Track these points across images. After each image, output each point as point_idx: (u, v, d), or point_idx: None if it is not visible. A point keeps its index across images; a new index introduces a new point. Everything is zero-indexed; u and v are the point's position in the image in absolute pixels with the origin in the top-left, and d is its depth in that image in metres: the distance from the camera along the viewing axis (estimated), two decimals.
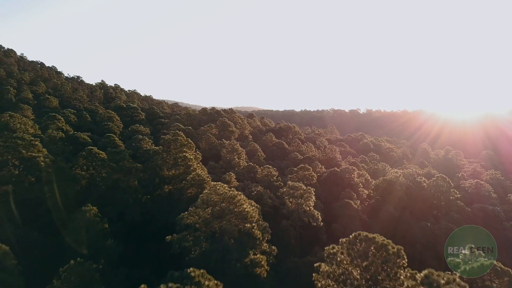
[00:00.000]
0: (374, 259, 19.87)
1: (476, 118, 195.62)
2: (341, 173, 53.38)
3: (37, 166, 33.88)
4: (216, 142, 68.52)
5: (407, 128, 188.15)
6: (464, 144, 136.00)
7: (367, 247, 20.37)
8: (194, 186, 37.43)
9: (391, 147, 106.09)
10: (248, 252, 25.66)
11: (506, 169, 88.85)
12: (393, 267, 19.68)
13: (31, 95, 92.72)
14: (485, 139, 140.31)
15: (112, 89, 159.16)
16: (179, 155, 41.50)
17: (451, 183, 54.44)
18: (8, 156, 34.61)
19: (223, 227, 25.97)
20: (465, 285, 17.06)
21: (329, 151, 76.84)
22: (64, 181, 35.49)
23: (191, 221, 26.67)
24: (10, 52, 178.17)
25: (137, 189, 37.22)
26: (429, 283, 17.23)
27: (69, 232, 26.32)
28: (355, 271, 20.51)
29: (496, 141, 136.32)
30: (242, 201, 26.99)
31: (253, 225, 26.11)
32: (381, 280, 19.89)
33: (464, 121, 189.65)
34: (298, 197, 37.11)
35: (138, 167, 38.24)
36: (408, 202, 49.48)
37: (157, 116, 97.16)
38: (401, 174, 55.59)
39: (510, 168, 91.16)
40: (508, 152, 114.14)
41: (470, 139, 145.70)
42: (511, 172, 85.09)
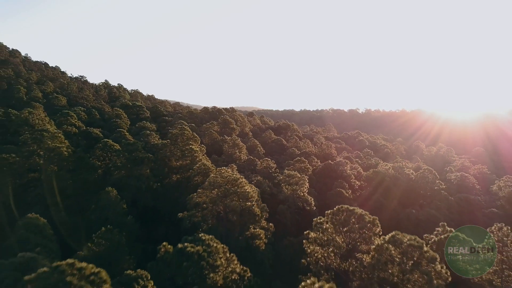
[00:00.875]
0: (353, 226, 24.07)
1: (476, 117, 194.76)
2: (335, 165, 57.55)
3: (61, 155, 38.03)
4: (218, 138, 72.71)
5: (406, 128, 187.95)
6: (464, 144, 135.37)
7: (348, 216, 24.54)
8: (200, 175, 41.56)
9: (386, 144, 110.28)
10: (248, 227, 29.87)
11: (506, 169, 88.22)
12: (368, 233, 23.90)
13: (40, 94, 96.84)
14: (485, 139, 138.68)
15: (116, 88, 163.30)
16: (186, 148, 45.66)
17: (437, 175, 58.69)
18: (34, 146, 38.81)
19: (227, 205, 30.17)
20: (422, 242, 21.28)
21: (325, 147, 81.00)
22: (84, 169, 39.69)
23: (199, 201, 30.88)
24: (16, 53, 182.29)
25: (149, 177, 41.42)
26: (394, 241, 21.47)
27: (95, 210, 30.45)
28: (337, 237, 24.70)
29: (496, 141, 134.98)
30: (244, 183, 31.19)
31: (253, 204, 30.30)
32: (358, 243, 24.09)
33: (464, 121, 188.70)
34: (293, 184, 41.35)
35: (150, 157, 42.43)
36: (396, 191, 53.64)
37: (160, 114, 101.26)
38: (391, 167, 59.80)
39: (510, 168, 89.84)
40: (508, 152, 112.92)
41: (469, 139, 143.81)
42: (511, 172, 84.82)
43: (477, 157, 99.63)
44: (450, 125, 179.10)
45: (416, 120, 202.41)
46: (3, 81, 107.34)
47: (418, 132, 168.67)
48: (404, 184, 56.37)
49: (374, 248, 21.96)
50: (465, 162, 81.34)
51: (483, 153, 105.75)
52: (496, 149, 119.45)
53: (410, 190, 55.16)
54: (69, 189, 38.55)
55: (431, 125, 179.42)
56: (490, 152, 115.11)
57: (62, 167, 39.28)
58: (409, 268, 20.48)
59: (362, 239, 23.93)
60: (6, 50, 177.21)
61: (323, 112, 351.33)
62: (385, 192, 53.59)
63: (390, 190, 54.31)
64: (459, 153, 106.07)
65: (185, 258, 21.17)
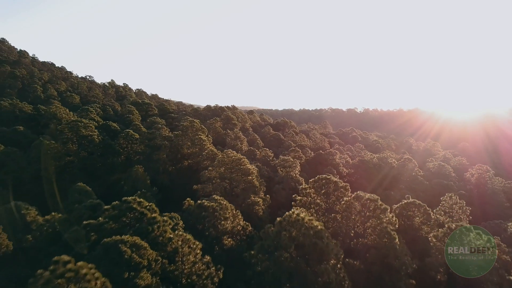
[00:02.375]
0: (329, 190, 31.58)
1: (475, 117, 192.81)
2: (325, 155, 65.08)
3: (93, 142, 45.53)
4: (222, 132, 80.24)
5: (406, 128, 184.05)
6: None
7: (325, 183, 32.06)
8: (208, 160, 49.03)
9: (377, 139, 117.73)
10: (250, 196, 37.37)
11: (506, 169, 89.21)
12: (341, 195, 31.38)
13: (55, 93, 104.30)
14: (485, 138, 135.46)
15: (122, 88, 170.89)
16: (195, 137, 53.16)
17: (416, 164, 66.28)
18: (70, 134, 46.32)
19: (233, 179, 37.70)
20: (378, 198, 28.81)
21: (319, 141, 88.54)
22: (111, 154, 47.21)
23: (210, 175, 38.42)
24: (24, 53, 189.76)
25: (165, 161, 48.91)
26: (357, 197, 29.03)
27: (127, 182, 37.96)
28: (318, 199, 32.18)
29: (495, 141, 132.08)
30: (246, 162, 38.73)
31: (253, 177, 37.81)
32: (332, 203, 31.56)
33: (463, 121, 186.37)
34: (287, 167, 48.87)
35: (166, 144, 49.89)
36: (378, 177, 61.21)
37: (167, 111, 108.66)
38: (375, 157, 67.33)
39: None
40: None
41: (469, 138, 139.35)
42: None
43: (462, 151, 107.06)
44: (449, 124, 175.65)
45: (416, 120, 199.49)
46: (18, 81, 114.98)
47: (417, 132, 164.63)
48: (387, 171, 63.94)
49: (343, 204, 29.55)
50: (446, 154, 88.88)
51: (468, 147, 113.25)
52: (496, 149, 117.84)
53: (391, 176, 62.68)
54: (99, 171, 46.15)
55: (430, 125, 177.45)
56: (490, 151, 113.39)
57: (93, 152, 46.82)
58: (367, 215, 28.07)
59: (336, 199, 31.43)
60: (15, 51, 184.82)
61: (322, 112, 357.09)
62: (369, 177, 61.24)
63: (374, 176, 61.94)
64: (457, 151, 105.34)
65: (203, 210, 28.67)
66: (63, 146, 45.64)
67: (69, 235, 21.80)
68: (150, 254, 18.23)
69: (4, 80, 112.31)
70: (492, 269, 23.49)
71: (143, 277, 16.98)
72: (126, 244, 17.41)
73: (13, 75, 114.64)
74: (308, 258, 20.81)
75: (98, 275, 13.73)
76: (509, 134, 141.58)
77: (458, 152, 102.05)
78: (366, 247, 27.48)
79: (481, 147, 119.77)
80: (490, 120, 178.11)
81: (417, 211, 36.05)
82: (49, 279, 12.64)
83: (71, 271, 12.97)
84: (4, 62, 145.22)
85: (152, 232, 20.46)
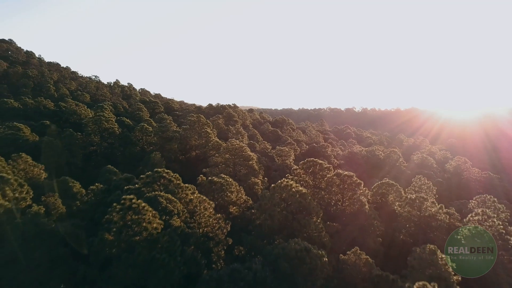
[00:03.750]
0: (315, 169, 38.46)
1: (475, 116, 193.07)
2: (318, 148, 72.02)
3: (114, 134, 52.40)
4: (224, 128, 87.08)
5: (406, 128, 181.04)
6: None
7: (313, 165, 38.94)
8: (214, 150, 55.93)
9: (370, 136, 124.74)
10: (250, 178, 44.27)
11: (506, 169, 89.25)
12: (325, 173, 38.24)
13: (68, 91, 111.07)
14: (484, 138, 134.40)
15: (127, 87, 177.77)
16: (202, 131, 60.06)
17: (400, 155, 73.21)
18: (94, 126, 53.20)
19: (236, 163, 44.63)
20: (353, 174, 35.72)
21: (314, 136, 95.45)
22: (129, 145, 54.09)
23: (217, 161, 45.35)
24: (32, 54, 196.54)
25: (176, 151, 55.80)
26: (337, 174, 35.95)
27: (147, 166, 44.82)
28: (306, 177, 39.06)
29: (495, 140, 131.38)
30: (247, 150, 45.64)
31: (253, 163, 44.73)
32: (318, 180, 38.42)
33: (463, 120, 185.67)
34: (283, 156, 55.80)
35: (177, 135, 56.77)
36: (365, 167, 68.20)
37: (172, 109, 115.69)
38: (364, 150, 74.27)
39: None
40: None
41: (468, 138, 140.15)
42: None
43: (450, 147, 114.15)
44: (449, 124, 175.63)
45: (415, 120, 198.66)
46: (30, 80, 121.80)
47: (417, 132, 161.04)
48: (373, 162, 70.91)
49: (326, 180, 36.49)
50: (431, 148, 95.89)
51: (456, 143, 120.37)
52: (496, 148, 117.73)
53: (377, 166, 69.65)
54: (119, 159, 53.01)
55: (429, 124, 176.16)
56: (490, 151, 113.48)
57: (113, 142, 53.70)
58: (345, 187, 35.02)
59: (321, 177, 38.31)
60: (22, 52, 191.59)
61: (320, 111, 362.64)
62: (357, 167, 68.08)
63: (361, 166, 68.90)
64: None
65: (213, 184, 35.51)
66: (87, 137, 52.50)
67: (113, 197, 28.68)
68: (179, 206, 25.12)
69: (17, 79, 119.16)
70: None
71: (175, 220, 23.85)
72: (162, 197, 24.31)
73: (26, 75, 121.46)
74: (294, 213, 27.72)
75: (150, 209, 20.67)
76: (509, 134, 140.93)
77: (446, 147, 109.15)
78: (343, 212, 34.43)
79: (481, 147, 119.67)
80: (489, 120, 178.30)
81: (390, 189, 43.10)
82: (121, 209, 19.57)
83: (135, 204, 19.88)
84: (14, 62, 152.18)
85: (178, 194, 27.35)
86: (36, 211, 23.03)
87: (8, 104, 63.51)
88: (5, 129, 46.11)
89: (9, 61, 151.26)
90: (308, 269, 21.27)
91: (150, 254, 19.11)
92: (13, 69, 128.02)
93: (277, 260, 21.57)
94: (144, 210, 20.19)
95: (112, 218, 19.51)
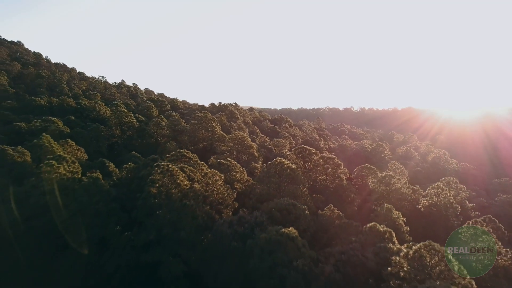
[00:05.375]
0: (305, 154, 46.64)
1: (475, 116, 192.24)
2: (312, 141, 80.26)
3: (133, 126, 60.58)
4: (227, 124, 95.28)
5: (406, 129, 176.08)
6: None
7: (303, 150, 47.15)
8: (219, 141, 64.10)
9: (363, 133, 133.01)
10: (251, 163, 52.47)
11: (505, 168, 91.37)
12: (312, 156, 46.43)
13: (80, 91, 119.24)
14: (484, 138, 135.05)
15: (132, 87, 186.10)
16: (208, 125, 68.26)
17: (386, 148, 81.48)
18: (115, 120, 61.36)
19: (239, 151, 52.85)
20: (334, 157, 43.92)
21: (310, 132, 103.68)
22: (146, 137, 62.27)
23: (223, 149, 53.56)
24: (40, 55, 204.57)
25: (187, 142, 63.96)
26: (322, 156, 44.18)
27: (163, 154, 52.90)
28: (297, 160, 47.23)
29: (495, 140, 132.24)
30: (248, 139, 53.86)
31: (254, 150, 52.95)
32: (307, 162, 46.59)
33: (462, 120, 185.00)
34: (279, 146, 64.01)
35: (187, 128, 64.90)
36: (353, 158, 76.38)
37: (177, 108, 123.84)
38: (352, 143, 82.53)
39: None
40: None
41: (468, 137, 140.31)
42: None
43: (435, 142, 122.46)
44: (449, 124, 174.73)
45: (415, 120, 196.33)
46: (44, 80, 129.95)
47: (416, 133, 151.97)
48: (361, 154, 79.14)
49: (312, 161, 44.74)
50: (415, 142, 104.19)
51: (443, 138, 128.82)
52: (495, 148, 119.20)
53: (364, 157, 77.89)
54: (137, 149, 61.17)
55: (429, 124, 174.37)
56: (489, 150, 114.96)
57: (132, 134, 61.87)
58: (328, 167, 43.24)
59: (309, 161, 46.49)
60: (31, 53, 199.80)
61: (319, 111, 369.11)
62: (346, 158, 76.31)
63: (350, 157, 77.11)
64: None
65: (221, 165, 43.68)
66: (110, 130, 60.70)
67: (144, 172, 36.86)
68: (198, 175, 33.32)
69: (32, 80, 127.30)
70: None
71: (196, 185, 32.02)
72: (186, 168, 32.49)
73: (40, 76, 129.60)
74: (285, 183, 35.94)
75: (180, 172, 28.85)
76: (509, 133, 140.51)
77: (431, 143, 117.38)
78: (327, 187, 42.64)
79: (480, 147, 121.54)
80: (489, 120, 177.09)
81: (368, 171, 51.28)
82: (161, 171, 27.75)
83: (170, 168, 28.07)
84: (26, 64, 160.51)
85: (196, 169, 35.54)
86: (96, 176, 31.17)
87: (37, 102, 71.64)
88: (42, 122, 54.29)
89: (21, 62, 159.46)
90: (294, 217, 29.51)
91: (182, 202, 27.25)
92: (27, 70, 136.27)
93: (272, 211, 29.79)
94: (176, 172, 28.37)
95: (155, 177, 27.65)
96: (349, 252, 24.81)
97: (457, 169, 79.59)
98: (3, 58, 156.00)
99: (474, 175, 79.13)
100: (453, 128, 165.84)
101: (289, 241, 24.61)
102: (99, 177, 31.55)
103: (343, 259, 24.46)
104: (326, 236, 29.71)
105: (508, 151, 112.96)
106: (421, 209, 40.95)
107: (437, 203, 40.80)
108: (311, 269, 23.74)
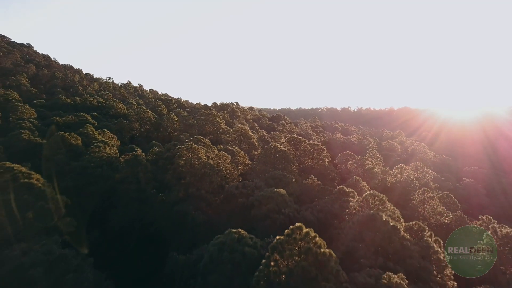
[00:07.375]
0: (295, 142, 56.76)
1: (474, 116, 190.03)
2: (305, 135, 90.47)
3: (150, 121, 70.75)
4: (229, 120, 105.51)
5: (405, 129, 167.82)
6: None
7: (294, 139, 57.26)
8: (224, 134, 74.27)
9: (355, 130, 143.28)
10: (252, 151, 62.65)
11: (505, 168, 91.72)
12: (303, 146, 56.55)
13: (94, 91, 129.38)
14: (483, 138, 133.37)
15: (138, 88, 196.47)
16: (214, 120, 78.43)
17: (371, 142, 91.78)
18: (134, 116, 71.50)
19: (241, 141, 63.05)
20: (319, 143, 54.12)
21: (304, 128, 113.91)
22: (161, 130, 72.45)
23: (228, 139, 63.78)
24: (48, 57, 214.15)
25: (196, 135, 73.98)
26: (309, 143, 54.35)
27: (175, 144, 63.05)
28: (290, 148, 57.31)
29: (494, 140, 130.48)
30: (249, 131, 64.09)
31: (254, 140, 63.13)
32: (298, 149, 56.68)
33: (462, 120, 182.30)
34: (275, 139, 74.25)
35: (196, 123, 75.05)
36: (341, 150, 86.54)
37: (183, 106, 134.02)
38: (342, 137, 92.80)
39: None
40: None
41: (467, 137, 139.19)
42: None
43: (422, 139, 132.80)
44: (448, 123, 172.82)
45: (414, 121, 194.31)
46: (58, 81, 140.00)
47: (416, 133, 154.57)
48: (348, 146, 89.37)
49: (301, 147, 54.92)
50: (402, 138, 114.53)
51: (429, 134, 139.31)
52: (494, 148, 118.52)
53: (351, 149, 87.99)
54: (154, 140, 71.25)
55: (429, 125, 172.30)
56: (488, 150, 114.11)
57: (149, 128, 72.01)
58: (314, 152, 53.41)
59: (299, 148, 56.57)
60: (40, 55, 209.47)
61: (317, 111, 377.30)
62: (334, 150, 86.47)
63: (338, 149, 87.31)
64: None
65: (227, 151, 53.77)
66: (130, 124, 70.86)
67: (168, 154, 46.96)
68: (211, 155, 43.46)
69: (47, 81, 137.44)
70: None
71: (211, 161, 42.10)
72: (203, 149, 42.63)
73: (55, 77, 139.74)
74: (279, 161, 46.09)
75: (200, 149, 39.03)
76: (508, 133, 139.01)
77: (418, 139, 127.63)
78: (312, 168, 52.77)
79: (479, 147, 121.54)
80: (488, 120, 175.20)
81: (349, 157, 61.45)
82: (186, 148, 37.96)
83: (193, 146, 38.26)
84: (38, 65, 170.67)
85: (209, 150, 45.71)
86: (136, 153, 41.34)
87: (63, 100, 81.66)
88: (75, 117, 64.41)
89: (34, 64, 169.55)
90: (284, 183, 39.67)
91: (203, 170, 37.39)
92: (42, 72, 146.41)
93: (268, 179, 39.98)
94: (197, 149, 38.53)
95: (181, 153, 37.77)
96: (322, 204, 35.06)
97: (433, 160, 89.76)
98: (18, 60, 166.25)
99: (448, 165, 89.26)
100: (452, 128, 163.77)
101: (279, 196, 34.77)
102: (138, 154, 41.66)
103: (317, 208, 34.71)
104: (308, 198, 39.85)
105: (507, 151, 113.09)
106: (388, 184, 51.07)
107: (401, 180, 50.98)
108: (295, 215, 33.92)
